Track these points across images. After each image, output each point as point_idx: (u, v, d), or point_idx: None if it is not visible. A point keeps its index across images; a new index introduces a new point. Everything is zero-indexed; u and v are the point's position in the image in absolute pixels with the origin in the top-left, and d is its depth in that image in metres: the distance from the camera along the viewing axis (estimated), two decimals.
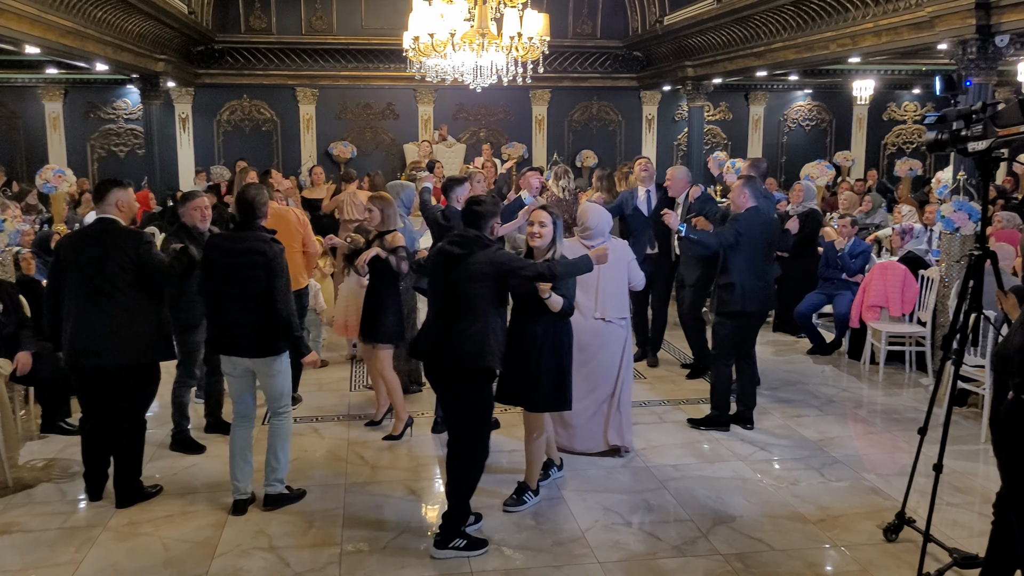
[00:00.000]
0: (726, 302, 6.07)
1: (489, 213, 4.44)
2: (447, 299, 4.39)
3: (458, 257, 4.34)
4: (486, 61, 8.21)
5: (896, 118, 17.78)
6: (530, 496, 4.92)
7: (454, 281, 4.34)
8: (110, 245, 4.79)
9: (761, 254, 6.10)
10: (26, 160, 15.09)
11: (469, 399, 4.41)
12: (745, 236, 5.96)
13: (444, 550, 4.31)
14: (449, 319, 4.35)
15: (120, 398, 4.91)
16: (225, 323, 4.77)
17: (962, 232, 7.09)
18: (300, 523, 4.70)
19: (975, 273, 3.89)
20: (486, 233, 4.41)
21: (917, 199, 11.98)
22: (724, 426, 6.15)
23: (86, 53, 10.12)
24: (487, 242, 4.39)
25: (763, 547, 4.43)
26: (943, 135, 3.93)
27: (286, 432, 4.93)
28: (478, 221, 4.42)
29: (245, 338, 4.71)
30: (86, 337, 4.76)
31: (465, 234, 4.42)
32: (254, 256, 4.67)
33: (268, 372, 4.81)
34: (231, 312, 4.72)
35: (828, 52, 10.46)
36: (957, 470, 5.41)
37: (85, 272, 4.77)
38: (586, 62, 16.16)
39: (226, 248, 4.78)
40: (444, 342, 4.35)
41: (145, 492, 5.05)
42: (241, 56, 15.15)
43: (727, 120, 17.33)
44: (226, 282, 4.71)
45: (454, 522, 4.37)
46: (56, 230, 8.56)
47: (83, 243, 4.90)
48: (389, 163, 15.65)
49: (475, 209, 4.44)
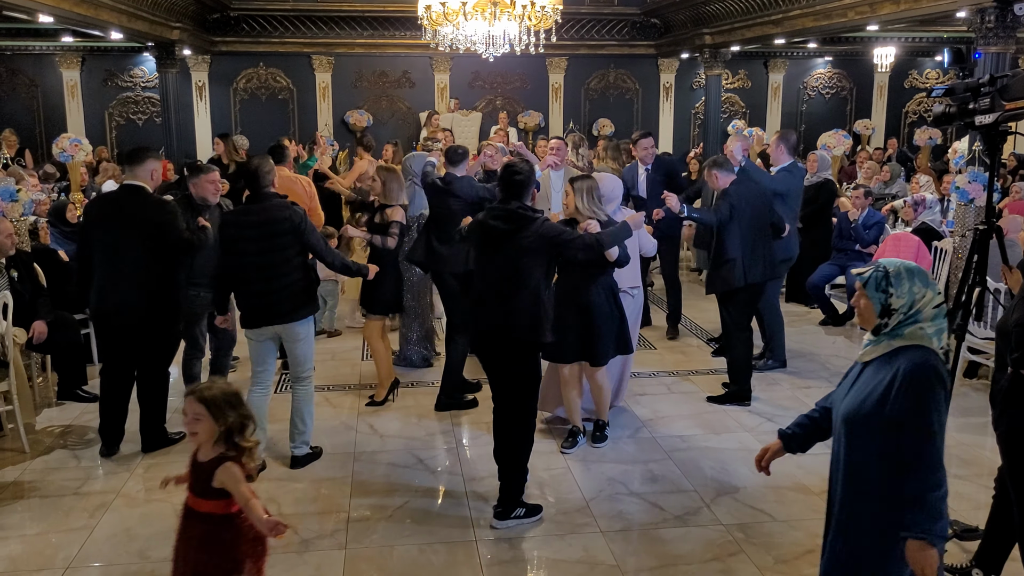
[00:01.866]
0: (728, 280, 6.05)
1: (528, 181, 4.40)
2: (498, 275, 4.36)
3: (506, 232, 4.31)
4: (499, 30, 8.16)
5: (918, 86, 17.52)
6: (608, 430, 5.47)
7: (505, 257, 4.32)
8: (136, 211, 5.05)
9: (754, 225, 6.05)
10: (44, 128, 15.18)
11: (522, 369, 4.42)
12: (737, 208, 5.96)
13: (506, 520, 4.37)
14: (502, 294, 4.34)
15: (143, 353, 5.22)
16: (257, 294, 4.85)
17: (976, 203, 7.03)
18: (309, 491, 4.78)
19: (980, 248, 3.87)
20: (528, 201, 4.42)
21: (936, 169, 11.85)
22: (745, 400, 6.15)
23: (100, 21, 10.12)
24: (532, 215, 4.34)
25: (765, 518, 4.47)
26: (951, 108, 3.89)
27: (309, 396, 5.10)
28: (520, 191, 4.37)
29: (278, 304, 4.85)
30: (111, 296, 5.08)
31: (508, 207, 4.35)
32: (280, 224, 4.78)
33: (296, 336, 4.94)
34: (263, 282, 4.81)
35: (846, 20, 10.30)
36: (964, 442, 5.42)
37: (111, 235, 5.05)
38: (603, 29, 16.00)
39: (245, 222, 4.85)
40: (498, 318, 4.35)
41: (169, 438, 5.37)
42: (257, 24, 15.12)
43: (746, 88, 17.14)
44: (253, 254, 4.78)
45: (513, 492, 4.43)
46: (73, 199, 8.64)
47: (110, 207, 5.20)
48: (405, 131, 15.61)
49: (516, 179, 4.37)
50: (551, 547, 4.21)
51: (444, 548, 4.20)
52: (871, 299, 2.63)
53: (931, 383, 2.54)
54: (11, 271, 5.77)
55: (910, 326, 2.59)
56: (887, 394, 2.55)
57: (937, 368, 2.56)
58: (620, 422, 5.75)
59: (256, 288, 4.84)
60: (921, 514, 2.52)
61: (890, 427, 2.54)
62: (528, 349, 4.41)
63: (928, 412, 2.52)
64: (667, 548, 4.18)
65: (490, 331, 4.43)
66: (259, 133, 15.05)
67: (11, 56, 15.10)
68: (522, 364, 4.42)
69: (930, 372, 2.54)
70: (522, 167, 4.47)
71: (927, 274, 2.65)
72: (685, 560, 4.08)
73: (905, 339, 2.58)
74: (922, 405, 2.52)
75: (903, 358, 2.57)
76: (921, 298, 2.61)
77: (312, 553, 4.15)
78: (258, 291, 4.84)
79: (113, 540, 4.26)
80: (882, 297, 2.61)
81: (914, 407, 2.52)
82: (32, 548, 4.20)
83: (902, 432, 2.53)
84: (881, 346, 2.62)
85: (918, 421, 2.52)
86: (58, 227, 7.49)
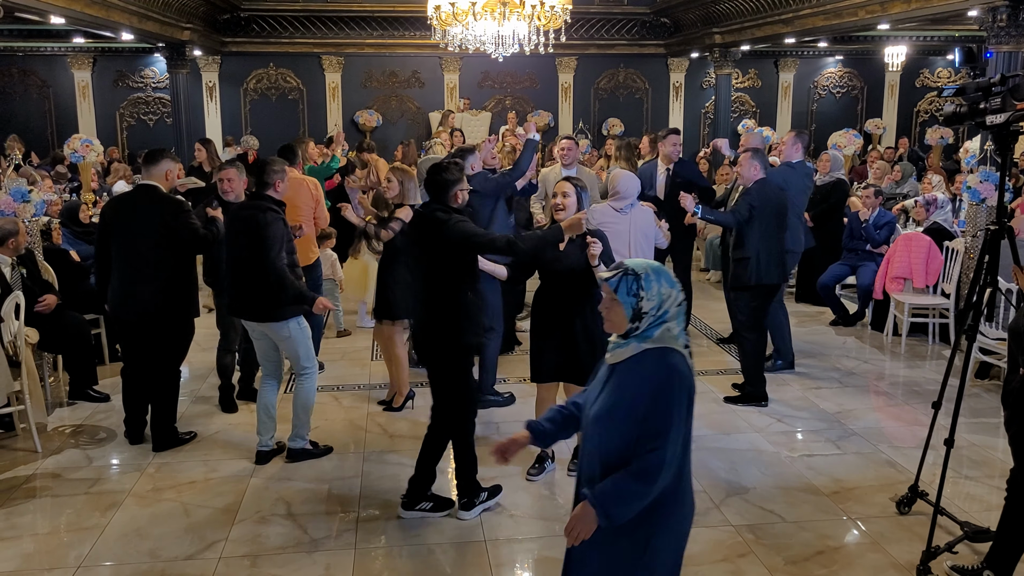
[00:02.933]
0: (740, 277, 6.05)
1: (452, 181, 4.35)
2: (422, 272, 4.44)
3: (424, 230, 4.35)
4: (508, 30, 8.18)
5: (929, 85, 17.44)
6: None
7: (425, 255, 4.37)
8: (151, 210, 5.15)
9: (773, 224, 6.04)
10: (56, 129, 15.26)
11: (446, 370, 4.40)
12: (758, 208, 5.94)
13: (471, 510, 4.47)
14: (425, 294, 4.39)
15: (155, 350, 5.29)
16: (235, 288, 5.01)
17: (988, 203, 6.99)
18: (318, 491, 4.79)
19: (991, 248, 3.85)
20: (450, 202, 4.35)
21: (947, 168, 11.80)
22: (761, 401, 6.12)
23: (111, 22, 10.18)
24: (443, 217, 4.30)
25: (775, 519, 4.46)
26: (961, 108, 3.87)
27: (307, 392, 5.14)
28: (439, 191, 4.35)
29: (250, 302, 4.95)
30: (127, 294, 5.19)
31: (424, 211, 4.41)
32: (248, 223, 4.87)
33: (278, 336, 5.03)
34: (239, 277, 4.96)
35: (857, 19, 10.28)
36: (976, 443, 5.40)
37: (126, 234, 5.16)
38: (613, 29, 15.99)
39: (235, 216, 5.04)
40: (423, 316, 4.42)
41: (179, 438, 5.44)
42: (267, 24, 15.16)
43: (756, 87, 17.11)
44: (232, 248, 4.99)
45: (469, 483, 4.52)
46: (84, 200, 8.67)
47: (125, 207, 5.31)
48: (415, 132, 15.64)
49: (436, 179, 4.35)
50: (560, 548, 4.17)
51: (453, 549, 4.20)
52: (622, 303, 2.55)
53: (676, 388, 2.50)
54: (21, 269, 5.82)
55: (659, 327, 2.55)
56: (635, 398, 2.51)
57: (682, 372, 2.52)
58: None
59: (233, 284, 5.00)
60: (613, 493, 2.49)
61: (636, 429, 2.51)
62: (449, 350, 4.34)
63: (670, 418, 2.48)
64: None
65: (417, 330, 4.51)
66: (269, 133, 15.12)
67: (23, 57, 15.19)
68: (446, 365, 4.39)
69: (675, 377, 2.50)
70: (447, 165, 4.45)
71: (669, 272, 2.61)
72: (695, 561, 4.06)
73: (654, 341, 2.53)
74: (665, 410, 2.48)
75: (651, 361, 2.53)
76: (667, 298, 2.56)
77: (321, 553, 4.15)
78: (234, 285, 5.00)
79: (124, 539, 4.27)
80: (633, 301, 2.55)
81: (659, 411, 2.48)
82: (44, 547, 4.22)
83: (644, 435, 2.50)
84: (629, 348, 2.56)
85: (658, 425, 2.48)
86: (70, 228, 7.53)
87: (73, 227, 7.56)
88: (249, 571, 4.00)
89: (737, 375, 6.49)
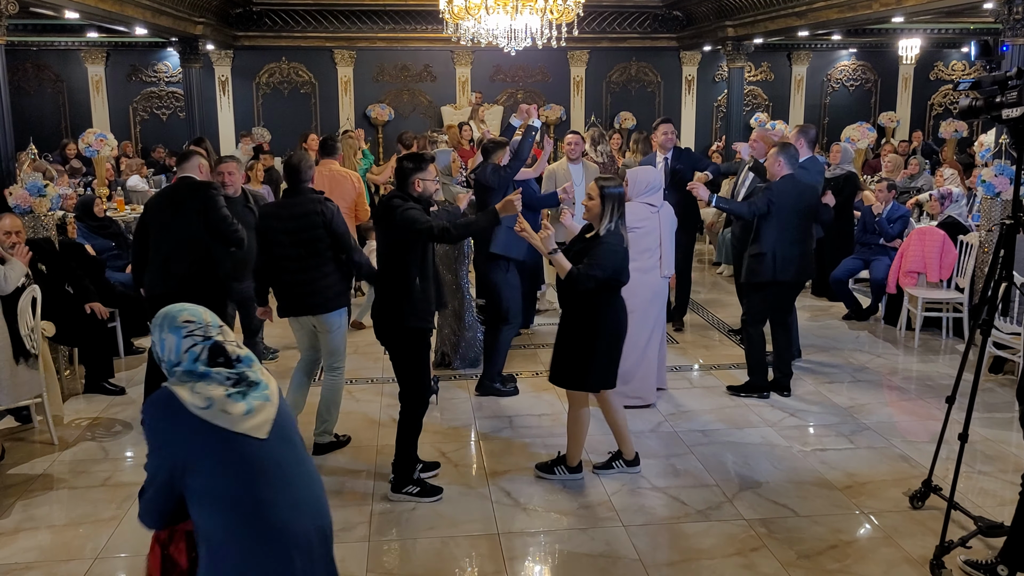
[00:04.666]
0: (756, 272, 6.01)
1: (409, 170, 4.55)
2: (378, 257, 4.67)
3: (380, 216, 4.60)
4: (520, 24, 8.17)
5: (944, 78, 17.32)
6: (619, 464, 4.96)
7: (381, 240, 4.62)
8: (186, 196, 5.30)
9: (795, 223, 5.96)
10: (70, 123, 15.34)
11: (403, 355, 4.60)
12: (777, 204, 5.89)
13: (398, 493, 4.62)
14: (378, 276, 4.68)
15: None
16: (292, 285, 5.05)
17: (1003, 197, 6.95)
18: (332, 483, 4.82)
19: (1006, 243, 3.84)
20: (409, 189, 4.54)
21: (961, 162, 11.73)
22: (763, 392, 6.12)
23: (125, 17, 10.21)
24: (396, 204, 4.49)
25: (788, 513, 4.46)
26: (977, 101, 3.86)
27: (338, 387, 5.23)
28: (400, 179, 4.58)
29: (311, 296, 5.03)
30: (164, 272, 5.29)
31: (393, 193, 4.63)
32: (312, 217, 4.97)
33: (329, 327, 5.12)
34: (297, 273, 5.01)
35: (871, 11, 10.22)
36: (989, 438, 5.38)
37: (168, 225, 5.30)
38: (625, 22, 15.95)
39: (282, 215, 5.06)
40: (376, 298, 4.63)
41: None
42: (279, 18, 15.19)
43: (768, 81, 17.03)
44: (289, 246, 4.99)
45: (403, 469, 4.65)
46: (99, 194, 8.73)
47: (165, 199, 5.47)
48: (427, 125, 15.65)
49: (399, 166, 4.61)
50: (573, 541, 4.23)
51: (467, 541, 4.22)
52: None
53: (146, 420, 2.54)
54: (39, 265, 5.85)
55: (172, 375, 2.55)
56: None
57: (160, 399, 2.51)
58: (642, 416, 5.74)
59: (290, 279, 5.04)
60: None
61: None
62: (395, 332, 4.55)
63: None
64: (689, 542, 4.19)
65: (374, 311, 4.67)
66: (281, 127, 15.17)
67: (37, 52, 15.26)
68: (397, 347, 4.59)
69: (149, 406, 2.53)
70: (413, 155, 4.70)
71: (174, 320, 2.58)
72: (707, 555, 4.08)
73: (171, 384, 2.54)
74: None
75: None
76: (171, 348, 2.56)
77: (336, 545, 4.14)
78: (292, 282, 5.04)
79: (140, 531, 4.23)
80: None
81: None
82: (61, 539, 4.26)
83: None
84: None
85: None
86: (85, 222, 7.58)
87: (88, 221, 7.60)
88: None
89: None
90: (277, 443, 2.57)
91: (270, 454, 2.53)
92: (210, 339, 2.57)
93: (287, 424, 2.66)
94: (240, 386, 2.53)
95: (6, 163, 7.28)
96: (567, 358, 4.67)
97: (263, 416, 2.54)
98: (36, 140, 9.61)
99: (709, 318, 8.32)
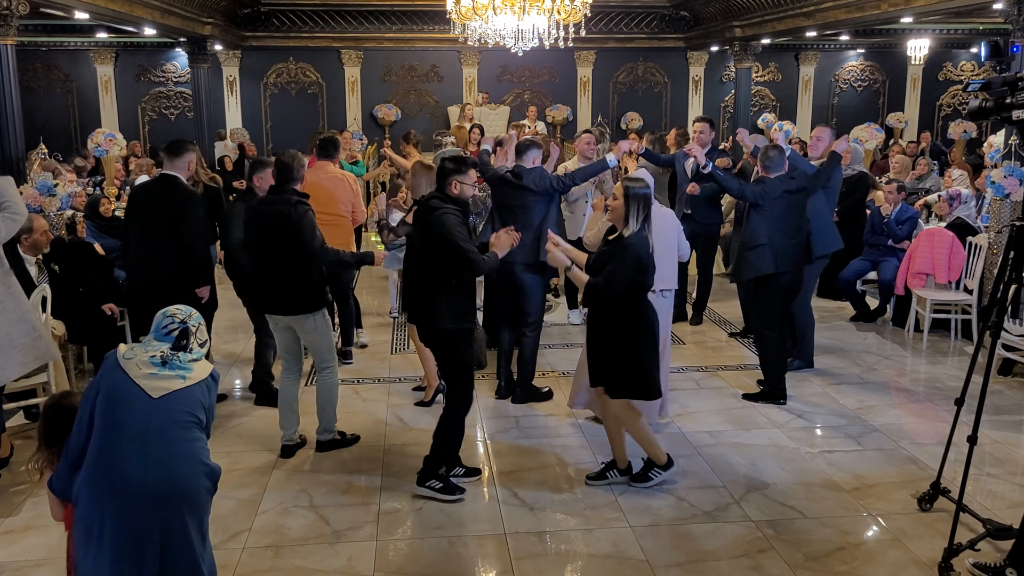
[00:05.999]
0: (758, 267, 5.94)
1: (450, 170, 4.52)
2: (416, 257, 4.61)
3: (419, 216, 4.56)
4: (528, 24, 8.17)
5: (952, 78, 17.28)
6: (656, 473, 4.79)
7: (418, 239, 4.57)
8: (166, 195, 5.48)
9: (788, 215, 5.91)
10: (79, 123, 15.40)
11: (442, 355, 4.63)
12: (768, 196, 5.89)
13: (421, 487, 4.64)
14: (415, 277, 4.60)
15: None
16: (263, 282, 5.09)
17: (1012, 198, 6.93)
18: (340, 483, 4.83)
19: (1016, 244, 3.83)
20: (446, 190, 4.52)
21: (970, 163, 11.70)
22: (779, 399, 6.06)
23: (134, 17, 10.25)
24: (437, 205, 4.48)
25: (795, 514, 4.46)
26: (987, 102, 3.85)
27: (331, 386, 5.24)
28: (440, 179, 4.57)
29: (280, 295, 5.04)
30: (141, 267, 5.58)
31: (432, 193, 4.59)
32: (279, 219, 4.96)
33: (304, 329, 5.11)
34: (267, 271, 5.04)
35: (880, 12, 10.20)
36: (998, 440, 5.37)
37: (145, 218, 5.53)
38: (632, 22, 15.94)
39: (259, 212, 5.12)
40: (413, 300, 4.61)
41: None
42: (287, 18, 15.23)
43: (776, 81, 17.01)
44: (261, 243, 5.06)
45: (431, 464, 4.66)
46: (107, 193, 8.76)
47: (145, 194, 5.71)
48: (433, 126, 15.66)
49: (441, 164, 4.59)
50: (580, 541, 4.23)
51: (474, 541, 4.23)
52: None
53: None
54: (52, 265, 5.88)
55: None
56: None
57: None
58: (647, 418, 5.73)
59: (261, 275, 5.10)
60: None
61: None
62: (442, 335, 4.54)
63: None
64: (696, 544, 4.18)
65: (410, 313, 4.69)
66: (288, 127, 15.22)
67: (47, 52, 15.33)
68: (442, 350, 4.62)
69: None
70: (454, 157, 4.68)
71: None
72: (714, 556, 4.08)
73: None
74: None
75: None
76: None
77: (343, 544, 4.19)
78: (262, 279, 5.09)
79: None
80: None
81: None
82: None
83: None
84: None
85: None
86: (94, 221, 7.61)
87: (97, 220, 7.63)
88: (272, 562, 4.04)
89: (757, 371, 6.45)
90: (163, 408, 2.94)
91: (147, 411, 2.92)
92: (184, 324, 3.08)
93: (187, 403, 3.00)
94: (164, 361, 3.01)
95: (17, 162, 7.31)
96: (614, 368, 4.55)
97: (165, 383, 2.97)
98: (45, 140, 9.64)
99: (714, 317, 8.31)
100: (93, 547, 2.86)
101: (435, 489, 4.61)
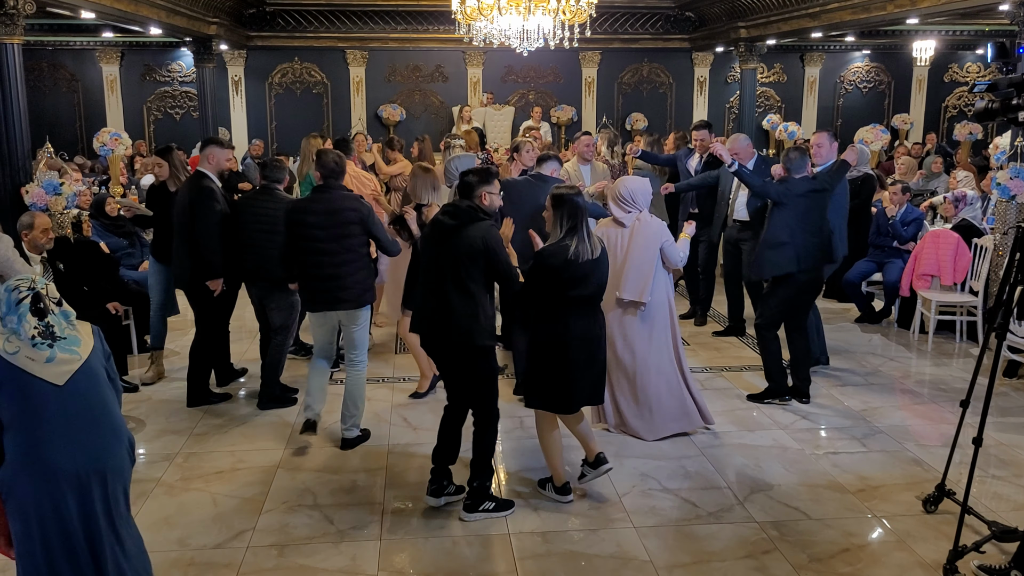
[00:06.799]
0: (779, 264, 5.89)
1: (478, 183, 4.38)
2: (439, 272, 4.33)
3: (452, 228, 4.30)
4: (533, 24, 8.18)
5: (958, 80, 17.22)
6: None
7: (446, 254, 4.30)
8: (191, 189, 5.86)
9: (810, 214, 5.88)
10: (85, 123, 15.42)
11: (467, 374, 4.41)
12: (790, 195, 5.86)
13: (474, 513, 4.41)
14: (441, 294, 4.32)
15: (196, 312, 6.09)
16: (323, 280, 5.13)
17: (1018, 200, 6.92)
18: (344, 482, 4.84)
19: (1022, 246, 3.82)
20: (477, 203, 4.36)
21: (976, 164, 11.67)
22: (783, 397, 6.06)
23: (140, 17, 10.25)
24: (482, 215, 4.33)
25: (799, 516, 4.45)
26: (993, 104, 3.84)
27: (361, 382, 5.35)
28: (468, 191, 4.39)
29: (343, 291, 5.13)
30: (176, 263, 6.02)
31: (458, 204, 4.39)
32: (348, 214, 5.08)
33: (356, 321, 5.26)
34: (329, 268, 5.10)
35: (886, 13, 10.17)
36: (1003, 442, 5.36)
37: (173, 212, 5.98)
38: (637, 23, 15.92)
39: (315, 210, 5.13)
40: (436, 317, 4.35)
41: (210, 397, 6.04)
42: (292, 18, 15.23)
43: (781, 82, 16.96)
44: (321, 241, 5.08)
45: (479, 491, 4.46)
46: (112, 192, 8.77)
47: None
48: (438, 126, 15.66)
49: (463, 180, 4.43)
50: (584, 542, 4.23)
51: (478, 541, 4.23)
52: None
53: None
54: (56, 263, 5.89)
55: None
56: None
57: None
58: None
59: (322, 273, 5.12)
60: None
61: None
62: (469, 353, 4.35)
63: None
64: (700, 544, 4.18)
65: (431, 332, 4.43)
66: (294, 127, 15.18)
67: (53, 51, 15.34)
68: (466, 369, 4.40)
69: None
70: (477, 170, 4.52)
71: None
72: (719, 557, 4.07)
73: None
74: None
75: None
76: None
77: (348, 544, 4.19)
78: (324, 276, 5.12)
79: (153, 528, 4.33)
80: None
81: None
82: None
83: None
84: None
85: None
86: (99, 220, 7.62)
87: (102, 219, 7.65)
88: (276, 561, 4.05)
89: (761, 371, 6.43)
90: (72, 391, 3.00)
91: (59, 399, 2.98)
92: (34, 289, 3.03)
93: (92, 377, 3.08)
94: (47, 339, 2.98)
95: (23, 161, 7.32)
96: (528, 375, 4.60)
97: (65, 367, 3.00)
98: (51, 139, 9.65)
99: (716, 317, 8.30)
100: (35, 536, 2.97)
101: (490, 511, 4.43)
